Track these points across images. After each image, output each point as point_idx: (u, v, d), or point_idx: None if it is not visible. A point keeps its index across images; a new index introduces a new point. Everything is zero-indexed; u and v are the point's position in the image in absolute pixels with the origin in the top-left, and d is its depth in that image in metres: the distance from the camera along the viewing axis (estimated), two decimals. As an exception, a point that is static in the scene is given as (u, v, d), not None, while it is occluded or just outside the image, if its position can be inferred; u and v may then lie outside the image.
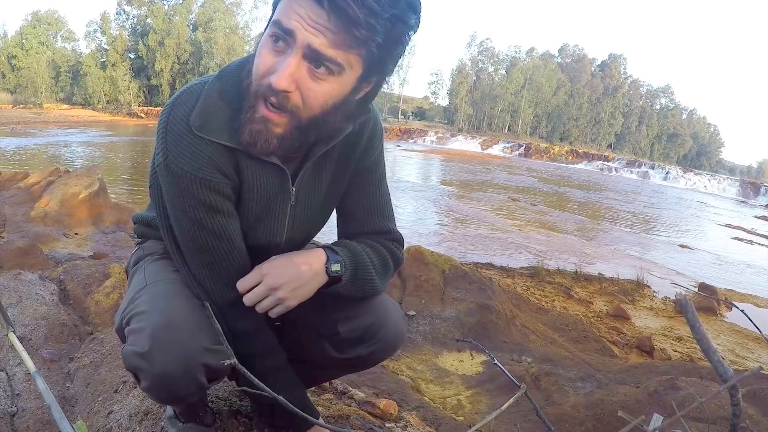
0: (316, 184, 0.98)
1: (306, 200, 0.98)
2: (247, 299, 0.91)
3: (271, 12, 0.80)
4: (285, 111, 0.78)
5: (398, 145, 42.04)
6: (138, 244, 1.12)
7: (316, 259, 0.93)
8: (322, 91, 0.78)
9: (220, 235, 0.89)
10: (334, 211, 1.07)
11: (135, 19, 53.12)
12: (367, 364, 1.10)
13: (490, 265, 7.89)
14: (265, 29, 0.80)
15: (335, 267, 0.93)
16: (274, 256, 0.94)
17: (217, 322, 0.61)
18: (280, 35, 0.75)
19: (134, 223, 1.14)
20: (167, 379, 0.83)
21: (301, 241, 1.05)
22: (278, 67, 0.75)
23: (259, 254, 0.99)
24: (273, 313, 0.92)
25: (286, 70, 0.74)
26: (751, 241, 17.02)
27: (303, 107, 0.78)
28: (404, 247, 1.11)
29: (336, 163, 0.99)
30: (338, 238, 1.07)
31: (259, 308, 0.91)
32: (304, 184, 0.96)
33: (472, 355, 3.43)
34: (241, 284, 0.91)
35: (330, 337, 1.03)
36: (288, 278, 0.90)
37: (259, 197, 0.92)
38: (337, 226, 1.09)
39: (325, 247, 0.96)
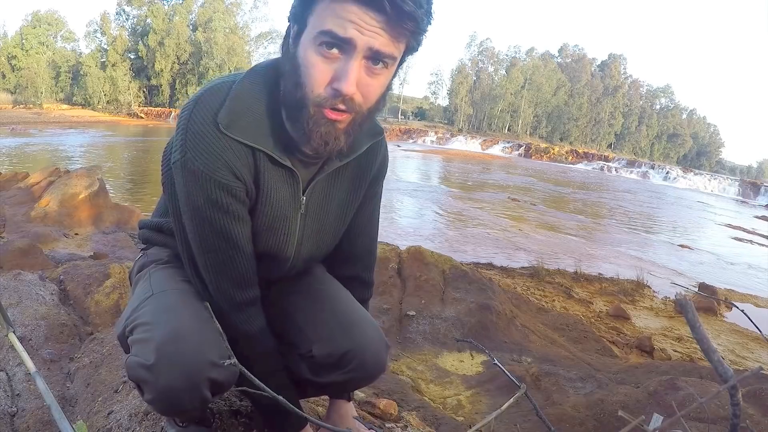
0: (328, 199, 0.99)
1: (316, 213, 0.99)
2: None
3: (293, 22, 0.81)
4: (350, 111, 0.81)
5: (398, 146, 42.01)
6: (142, 250, 1.11)
7: None
8: (379, 84, 0.82)
9: (228, 237, 0.88)
10: None
11: (135, 20, 53.17)
12: (345, 389, 1.08)
13: (490, 265, 7.89)
14: (291, 39, 0.82)
15: None
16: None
17: (216, 321, 0.61)
18: (335, 44, 0.76)
19: (140, 228, 1.14)
20: (172, 392, 0.82)
21: (308, 257, 1.04)
22: (341, 74, 0.77)
23: (267, 262, 0.98)
24: None
25: (351, 76, 0.77)
26: (751, 241, 17.01)
27: (363, 102, 0.81)
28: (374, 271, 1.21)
29: (349, 182, 1.00)
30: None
31: None
32: (315, 196, 0.96)
33: (472, 355, 3.42)
34: None
35: (306, 358, 1.01)
36: None
37: (275, 202, 0.91)
38: None
39: None
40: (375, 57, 0.77)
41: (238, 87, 0.86)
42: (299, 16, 0.79)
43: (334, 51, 0.76)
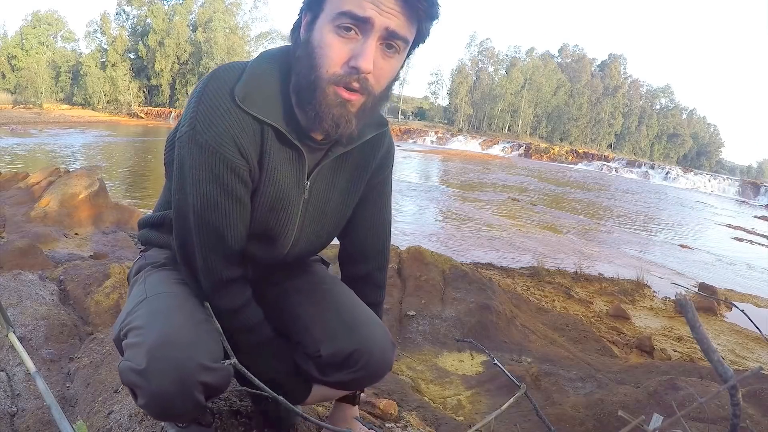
0: (331, 186, 0.99)
1: (319, 199, 0.99)
2: None
3: (307, 10, 0.83)
4: (363, 92, 0.82)
5: (398, 146, 41.68)
6: (141, 252, 1.11)
7: None
8: (390, 68, 0.83)
9: (225, 215, 0.89)
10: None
11: (135, 19, 53.23)
12: (350, 388, 1.09)
13: (490, 265, 7.88)
14: (304, 28, 0.84)
15: None
16: None
17: (216, 321, 0.61)
18: (353, 24, 0.78)
19: (140, 228, 1.12)
20: (164, 397, 0.82)
21: (307, 244, 1.04)
22: (359, 52, 0.79)
23: (265, 244, 0.98)
24: None
25: (369, 53, 0.78)
26: (751, 241, 17.00)
27: (375, 85, 0.83)
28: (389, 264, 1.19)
29: (351, 170, 1.01)
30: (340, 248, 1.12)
31: None
32: (318, 182, 0.97)
33: (472, 355, 3.42)
34: None
35: (314, 358, 1.02)
36: None
37: (278, 183, 0.92)
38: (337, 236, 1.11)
39: None
40: (390, 38, 0.79)
41: (254, 65, 0.88)
42: (314, 3, 0.82)
43: (352, 33, 0.78)
